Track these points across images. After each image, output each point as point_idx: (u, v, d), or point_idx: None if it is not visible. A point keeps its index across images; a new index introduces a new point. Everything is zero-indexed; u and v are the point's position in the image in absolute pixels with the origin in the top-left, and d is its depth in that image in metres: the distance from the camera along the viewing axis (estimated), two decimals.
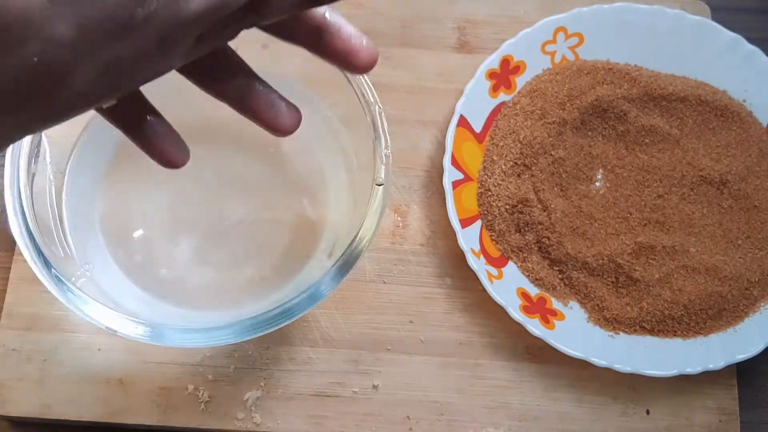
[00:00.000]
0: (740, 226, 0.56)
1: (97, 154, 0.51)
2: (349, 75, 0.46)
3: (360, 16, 0.61)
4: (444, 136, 0.56)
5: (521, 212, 0.54)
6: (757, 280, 0.54)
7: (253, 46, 0.34)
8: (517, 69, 0.58)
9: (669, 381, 0.52)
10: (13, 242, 0.54)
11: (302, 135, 0.36)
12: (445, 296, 0.55)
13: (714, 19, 0.60)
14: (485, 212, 0.55)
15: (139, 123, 0.32)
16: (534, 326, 0.51)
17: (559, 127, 0.56)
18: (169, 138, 0.33)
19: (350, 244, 0.44)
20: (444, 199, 0.54)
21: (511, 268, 0.54)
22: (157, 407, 0.50)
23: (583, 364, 0.51)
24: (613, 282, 0.54)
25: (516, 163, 0.55)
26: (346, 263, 0.44)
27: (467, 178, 0.55)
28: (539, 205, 0.54)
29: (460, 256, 0.53)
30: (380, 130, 0.46)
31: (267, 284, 0.50)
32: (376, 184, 0.45)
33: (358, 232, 0.44)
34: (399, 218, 0.56)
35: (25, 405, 0.50)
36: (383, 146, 0.45)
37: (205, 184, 0.52)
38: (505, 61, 0.57)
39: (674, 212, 0.56)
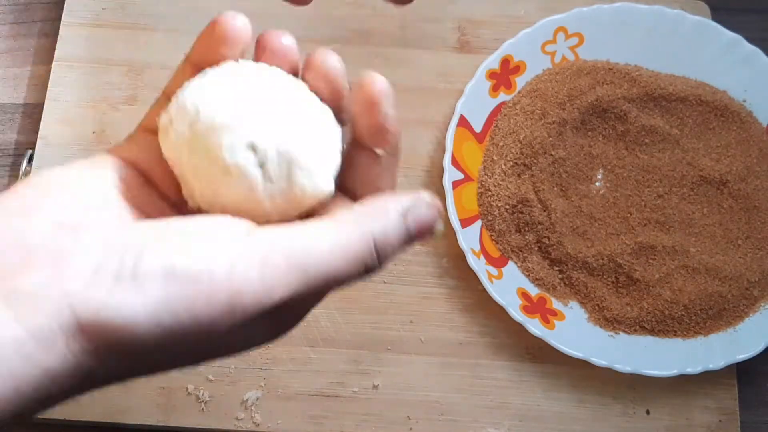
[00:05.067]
0: (740, 226, 0.56)
1: None
2: None
3: (360, 16, 0.61)
4: (444, 136, 0.56)
5: (521, 212, 0.54)
6: (757, 280, 0.54)
7: None
8: (517, 69, 0.58)
9: (669, 381, 0.52)
10: None
11: None
12: (445, 296, 0.55)
13: (714, 19, 0.60)
14: (485, 212, 0.55)
15: None
16: (534, 326, 0.51)
17: (559, 127, 0.56)
18: None
19: None
20: (444, 199, 0.54)
21: (511, 268, 0.54)
22: (157, 407, 0.50)
23: (583, 364, 0.51)
24: (613, 282, 0.54)
25: (516, 163, 0.55)
26: None
27: (467, 178, 0.55)
28: (539, 205, 0.54)
29: (460, 256, 0.53)
30: None
31: None
32: None
33: None
34: None
35: None
36: None
37: None
38: (505, 61, 0.57)
39: (674, 212, 0.56)
